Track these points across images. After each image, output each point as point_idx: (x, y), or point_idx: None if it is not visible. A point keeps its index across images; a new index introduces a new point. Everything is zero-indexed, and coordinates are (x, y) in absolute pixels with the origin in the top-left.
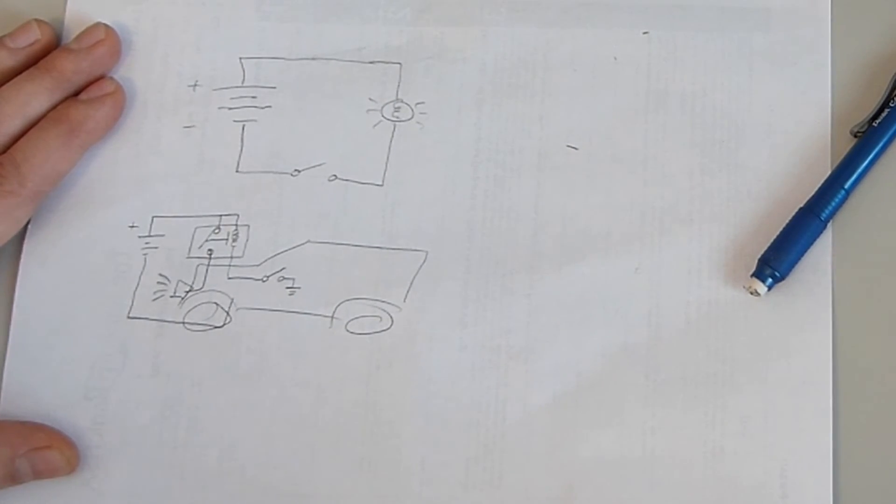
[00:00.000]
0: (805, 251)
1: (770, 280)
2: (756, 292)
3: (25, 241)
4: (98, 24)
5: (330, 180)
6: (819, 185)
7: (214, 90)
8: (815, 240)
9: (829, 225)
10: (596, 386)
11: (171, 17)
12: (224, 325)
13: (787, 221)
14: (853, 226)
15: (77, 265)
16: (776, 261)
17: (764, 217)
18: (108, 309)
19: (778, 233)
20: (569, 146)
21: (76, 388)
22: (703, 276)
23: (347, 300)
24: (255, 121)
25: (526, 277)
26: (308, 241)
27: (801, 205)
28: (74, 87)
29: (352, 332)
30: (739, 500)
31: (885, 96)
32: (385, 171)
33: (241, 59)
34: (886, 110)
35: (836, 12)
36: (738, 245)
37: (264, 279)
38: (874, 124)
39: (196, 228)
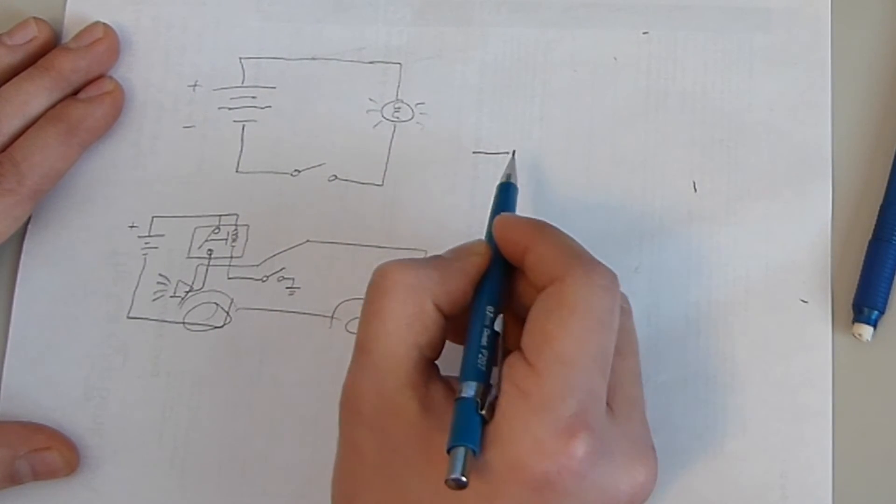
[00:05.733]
0: (893, 279)
1: (874, 320)
2: (861, 336)
3: (25, 240)
4: (97, 23)
5: (330, 180)
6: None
7: (214, 90)
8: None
9: None
10: None
11: (171, 17)
12: (224, 325)
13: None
14: None
15: (77, 265)
16: (872, 300)
17: (764, 217)
18: (108, 309)
19: (860, 274)
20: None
21: (76, 388)
22: (703, 276)
23: (347, 300)
24: (254, 121)
25: None
26: (307, 241)
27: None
28: (73, 86)
29: (352, 333)
30: (739, 500)
31: None
32: (385, 171)
33: (240, 59)
34: None
35: (836, 12)
36: (739, 245)
37: (264, 279)
38: None
39: (196, 228)
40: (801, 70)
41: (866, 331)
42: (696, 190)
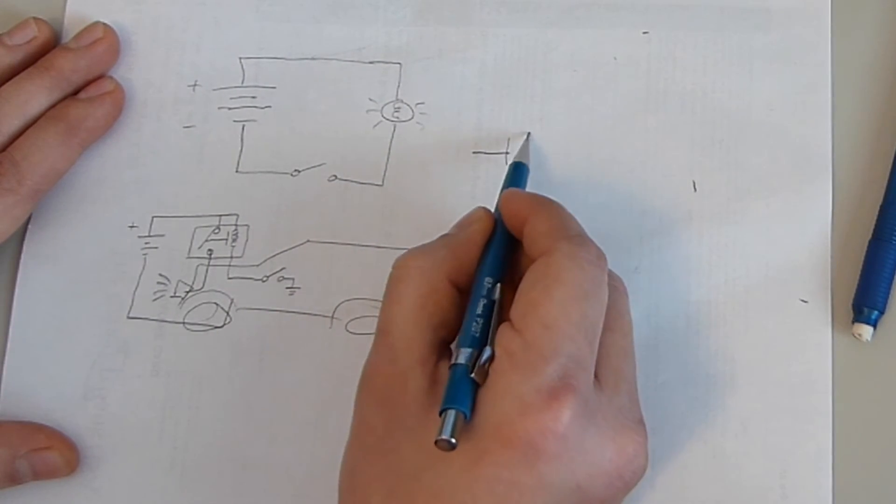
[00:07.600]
0: (893, 279)
1: (874, 320)
2: (861, 336)
3: (25, 241)
4: (97, 23)
5: (330, 180)
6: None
7: (214, 90)
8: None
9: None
10: None
11: (171, 17)
12: (224, 325)
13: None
14: None
15: (77, 265)
16: (872, 300)
17: (764, 217)
18: (108, 309)
19: (860, 274)
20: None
21: (76, 388)
22: (703, 276)
23: (347, 300)
24: (254, 121)
25: None
26: (308, 241)
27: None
28: (73, 86)
29: (352, 332)
30: (739, 500)
31: None
32: (385, 171)
33: (240, 59)
34: None
35: (836, 12)
36: (739, 245)
37: (264, 279)
38: None
39: (196, 228)
40: (801, 70)
41: (866, 331)
42: (696, 190)
